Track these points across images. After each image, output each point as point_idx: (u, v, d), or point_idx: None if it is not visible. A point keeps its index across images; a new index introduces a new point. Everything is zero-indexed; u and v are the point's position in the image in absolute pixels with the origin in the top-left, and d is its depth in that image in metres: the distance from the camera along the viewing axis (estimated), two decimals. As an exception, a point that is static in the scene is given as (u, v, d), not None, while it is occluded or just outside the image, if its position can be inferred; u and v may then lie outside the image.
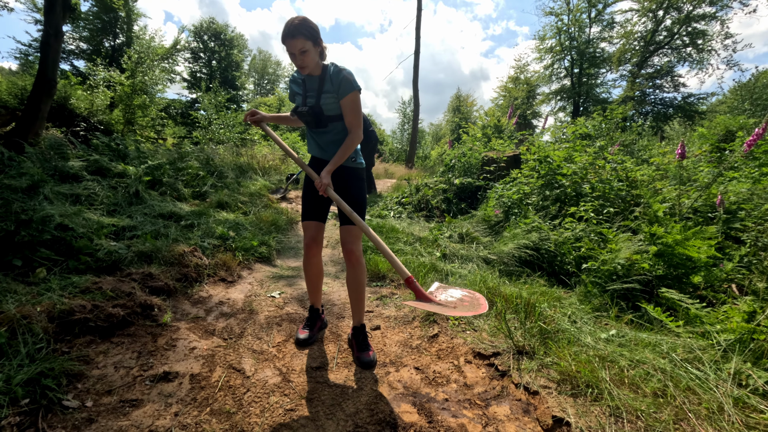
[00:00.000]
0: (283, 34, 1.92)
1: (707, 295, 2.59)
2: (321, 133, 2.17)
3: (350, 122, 2.07)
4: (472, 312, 1.71)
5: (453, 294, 1.93)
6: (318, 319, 2.46)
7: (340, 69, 2.02)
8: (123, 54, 13.43)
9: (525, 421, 1.71)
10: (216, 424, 1.58)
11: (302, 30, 1.90)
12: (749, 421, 1.49)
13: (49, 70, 6.30)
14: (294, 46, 1.92)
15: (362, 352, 2.17)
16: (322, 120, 2.10)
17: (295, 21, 1.91)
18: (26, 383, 1.53)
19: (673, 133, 10.46)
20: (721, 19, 20.64)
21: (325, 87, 2.06)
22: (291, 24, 1.91)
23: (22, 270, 2.55)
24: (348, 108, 2.04)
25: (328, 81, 2.04)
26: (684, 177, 4.24)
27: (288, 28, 1.91)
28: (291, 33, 1.90)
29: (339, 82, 2.00)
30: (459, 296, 1.90)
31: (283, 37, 1.93)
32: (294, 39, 1.90)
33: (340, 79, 1.99)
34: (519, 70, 30.02)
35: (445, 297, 1.91)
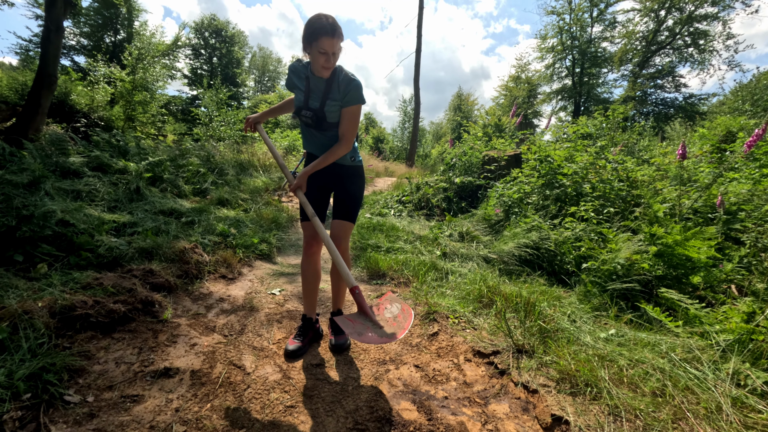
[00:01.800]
0: (321, 31, 1.80)
1: (707, 296, 2.59)
2: (319, 134, 2.14)
3: (345, 131, 2.02)
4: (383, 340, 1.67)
5: (393, 310, 1.88)
6: (311, 329, 2.32)
7: (351, 78, 1.96)
8: (124, 50, 13.41)
9: (524, 420, 1.71)
10: (216, 420, 1.59)
11: (340, 30, 1.83)
12: (747, 420, 1.50)
13: (50, 66, 6.29)
14: (333, 45, 1.83)
15: (336, 335, 2.24)
16: (323, 125, 2.07)
17: (330, 19, 1.82)
18: (28, 378, 1.54)
19: (674, 134, 10.46)
20: (723, 20, 20.64)
21: (332, 93, 1.99)
22: (327, 21, 1.81)
23: (23, 265, 2.56)
24: (347, 118, 2.00)
25: (336, 88, 1.98)
26: (684, 177, 4.24)
27: (327, 24, 1.80)
28: (333, 31, 1.80)
29: (348, 91, 1.95)
30: (395, 314, 1.85)
31: (320, 33, 1.80)
32: (334, 38, 1.81)
33: (350, 88, 1.94)
34: (520, 69, 30.02)
35: (387, 312, 1.88)
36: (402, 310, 1.85)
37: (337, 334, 2.26)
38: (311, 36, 1.82)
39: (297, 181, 2.03)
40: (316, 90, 2.03)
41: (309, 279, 2.27)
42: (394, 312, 1.86)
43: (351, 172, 2.22)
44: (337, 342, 2.22)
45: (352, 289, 1.84)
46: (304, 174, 2.03)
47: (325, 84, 2.00)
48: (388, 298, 1.97)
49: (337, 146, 2.02)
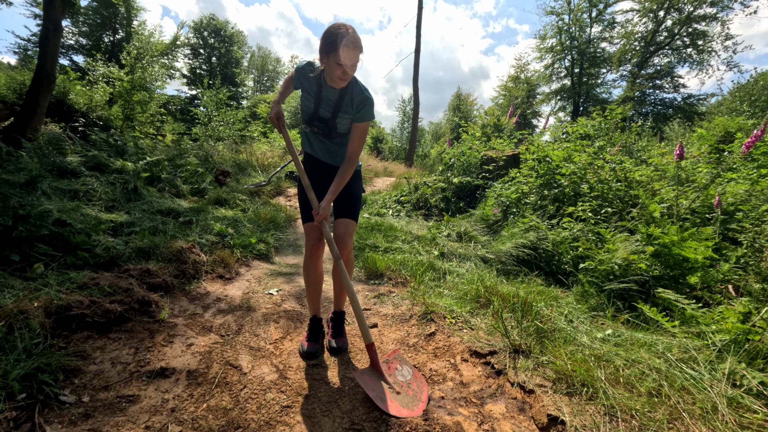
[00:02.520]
0: (342, 43, 1.72)
1: (703, 296, 2.60)
2: (327, 140, 2.12)
3: (354, 149, 2.00)
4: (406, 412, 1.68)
5: (405, 374, 1.90)
6: (321, 329, 2.30)
7: (366, 95, 1.92)
8: (122, 49, 13.39)
9: (520, 420, 1.71)
10: (212, 420, 1.59)
11: (361, 43, 1.77)
12: (743, 421, 1.50)
13: (48, 65, 6.28)
14: (352, 57, 1.76)
15: (334, 338, 2.23)
16: (332, 135, 2.05)
17: (350, 30, 1.75)
18: (23, 378, 1.53)
19: (672, 134, 10.46)
20: (721, 20, 20.68)
21: (344, 106, 1.95)
22: (347, 32, 1.74)
23: (19, 265, 2.55)
24: (357, 133, 1.98)
25: (349, 101, 1.93)
26: (682, 178, 4.25)
27: (349, 35, 1.73)
28: (354, 43, 1.74)
29: (362, 107, 1.92)
30: (408, 379, 1.87)
31: (340, 45, 1.73)
32: (355, 50, 1.75)
33: (365, 105, 1.91)
34: (519, 70, 30.04)
35: (399, 374, 1.90)
36: (414, 376, 1.89)
37: (337, 336, 2.25)
38: (330, 46, 1.76)
39: (322, 213, 1.98)
40: (328, 100, 1.98)
41: (314, 282, 2.21)
42: (406, 376, 1.89)
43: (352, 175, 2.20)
44: (337, 345, 2.21)
45: (369, 346, 1.88)
46: (327, 203, 1.99)
47: (338, 95, 1.95)
48: (396, 357, 2.00)
49: (347, 166, 2.00)
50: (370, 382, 1.80)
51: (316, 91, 1.99)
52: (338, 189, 2.00)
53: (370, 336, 1.89)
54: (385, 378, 1.84)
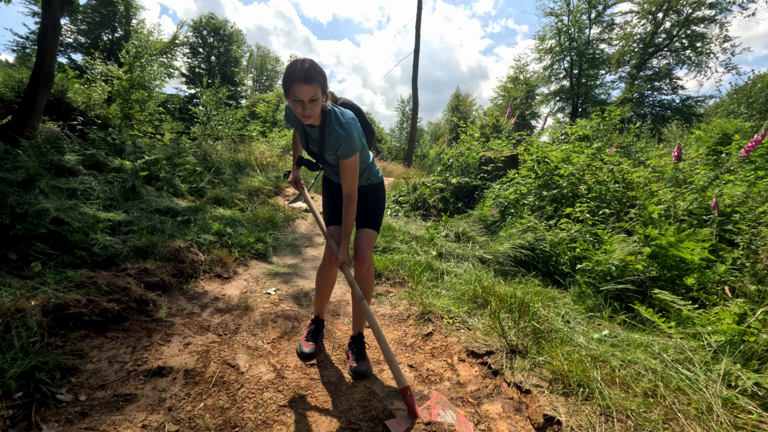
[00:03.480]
0: (292, 77, 1.63)
1: (699, 297, 2.61)
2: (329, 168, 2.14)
3: (348, 186, 1.91)
4: None
5: (448, 418, 1.67)
6: (322, 330, 2.33)
7: (339, 134, 1.80)
8: (121, 48, 13.36)
9: (517, 420, 1.72)
10: (209, 419, 1.59)
11: (316, 75, 1.64)
12: (737, 421, 1.51)
13: (46, 63, 6.26)
14: (305, 92, 1.64)
15: (358, 362, 2.05)
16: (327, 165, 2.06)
17: (306, 64, 1.64)
18: (20, 377, 1.53)
19: (670, 136, 10.50)
20: (720, 22, 20.73)
21: (327, 143, 1.88)
22: (301, 66, 1.63)
23: (16, 264, 2.54)
24: (346, 171, 1.88)
25: (329, 139, 1.86)
26: (680, 179, 4.27)
27: (299, 70, 1.62)
28: (305, 77, 1.62)
29: (338, 146, 1.82)
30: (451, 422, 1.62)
31: (290, 81, 1.64)
32: (307, 85, 1.63)
33: (340, 143, 1.81)
34: (518, 70, 30.07)
35: (441, 418, 1.67)
36: (459, 422, 1.65)
37: (360, 360, 2.07)
38: (285, 84, 1.68)
39: (341, 258, 1.93)
40: (313, 137, 1.95)
41: (328, 285, 2.22)
42: (449, 421, 1.64)
43: (370, 189, 2.17)
44: (362, 369, 2.03)
45: (404, 390, 1.67)
46: (344, 249, 1.95)
47: (318, 132, 1.89)
48: (439, 402, 1.78)
49: (348, 204, 1.92)
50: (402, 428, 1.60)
51: (302, 128, 1.96)
52: (348, 229, 1.94)
53: (404, 379, 1.68)
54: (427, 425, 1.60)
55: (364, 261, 2.03)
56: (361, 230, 2.11)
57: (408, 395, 1.66)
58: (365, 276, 2.05)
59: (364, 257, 2.03)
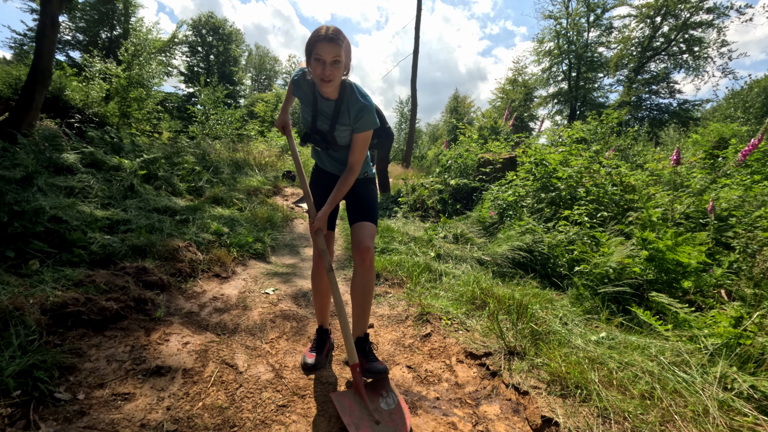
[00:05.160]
0: (317, 37, 1.64)
1: (696, 300, 2.63)
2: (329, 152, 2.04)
3: (355, 160, 1.88)
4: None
5: (390, 402, 1.73)
6: (327, 341, 2.20)
7: (363, 103, 1.79)
8: (120, 46, 13.33)
9: (514, 421, 1.73)
10: (208, 419, 1.59)
11: (341, 38, 1.65)
12: (733, 424, 1.52)
13: (44, 61, 6.23)
14: (329, 51, 1.63)
15: (372, 363, 1.87)
16: (333, 147, 1.96)
17: (332, 28, 1.66)
18: (18, 375, 1.53)
19: (668, 139, 10.56)
20: (717, 27, 20.87)
21: (341, 118, 1.84)
22: (327, 29, 1.64)
23: (14, 262, 2.53)
24: (358, 144, 1.86)
25: (346, 112, 1.82)
26: (677, 183, 4.29)
27: (325, 32, 1.64)
28: (329, 37, 1.63)
29: (360, 117, 1.79)
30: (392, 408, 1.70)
31: (315, 40, 1.65)
32: (332, 44, 1.63)
33: (363, 114, 1.78)
34: (517, 73, 30.17)
35: (383, 401, 1.73)
36: (398, 407, 1.70)
37: (373, 361, 1.90)
38: (309, 44, 1.68)
39: (316, 223, 1.89)
40: (324, 112, 1.89)
41: (322, 293, 2.13)
42: (390, 405, 1.72)
43: (363, 184, 2.11)
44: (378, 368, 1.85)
45: (353, 367, 1.73)
46: (323, 215, 1.89)
47: (333, 107, 1.84)
48: (382, 383, 1.82)
49: (348, 175, 1.89)
50: (349, 406, 1.67)
51: (312, 103, 1.91)
52: (338, 198, 1.90)
53: (356, 356, 1.76)
54: (366, 404, 1.69)
55: (367, 253, 1.90)
56: (360, 223, 1.99)
57: (356, 372, 1.74)
58: (367, 270, 1.92)
59: (367, 248, 1.90)
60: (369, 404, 1.69)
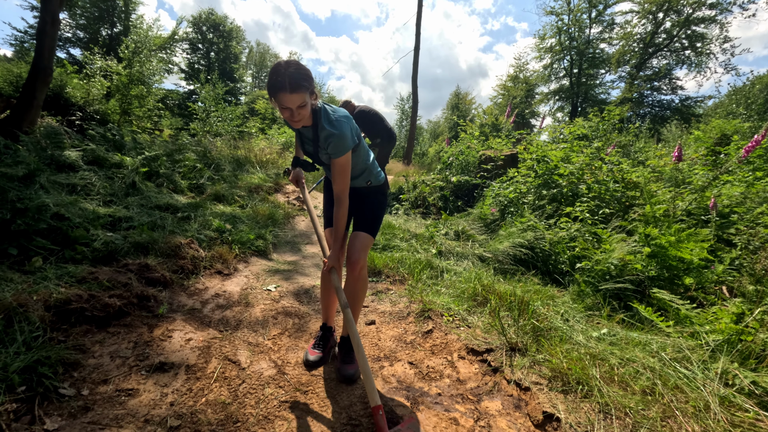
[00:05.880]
0: (277, 86, 1.56)
1: (698, 297, 2.63)
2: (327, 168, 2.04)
3: (339, 188, 1.83)
4: None
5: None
6: (330, 338, 2.21)
7: (330, 132, 1.72)
8: (120, 43, 13.30)
9: (516, 416, 1.74)
10: (211, 415, 1.60)
11: (302, 81, 1.58)
12: (734, 419, 1.52)
13: (45, 58, 6.22)
14: (292, 101, 1.58)
15: (345, 364, 1.99)
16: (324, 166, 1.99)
17: (290, 69, 1.56)
18: (23, 371, 1.54)
19: (669, 136, 10.53)
20: (720, 23, 20.74)
21: (321, 142, 1.81)
22: (285, 73, 1.55)
23: (17, 259, 2.54)
24: (336, 171, 1.80)
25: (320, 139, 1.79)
26: (679, 179, 4.28)
27: (284, 77, 1.55)
28: (290, 85, 1.55)
29: (328, 144, 1.76)
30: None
31: (275, 89, 1.57)
32: (294, 93, 1.57)
33: (330, 140, 1.74)
34: (518, 69, 30.05)
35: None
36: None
37: (348, 363, 2.00)
38: (270, 90, 1.61)
39: (330, 262, 1.88)
40: (307, 137, 1.91)
41: (329, 291, 2.13)
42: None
43: (369, 192, 2.11)
44: (350, 372, 1.95)
45: (375, 409, 1.55)
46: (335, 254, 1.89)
47: (312, 132, 1.84)
48: (410, 427, 1.63)
49: (338, 208, 1.86)
50: None
51: (297, 130, 1.92)
52: (340, 234, 1.89)
53: (377, 397, 1.56)
54: None
55: (355, 265, 1.95)
56: (355, 233, 2.03)
57: (379, 415, 1.55)
58: (357, 279, 1.98)
59: (356, 261, 1.94)
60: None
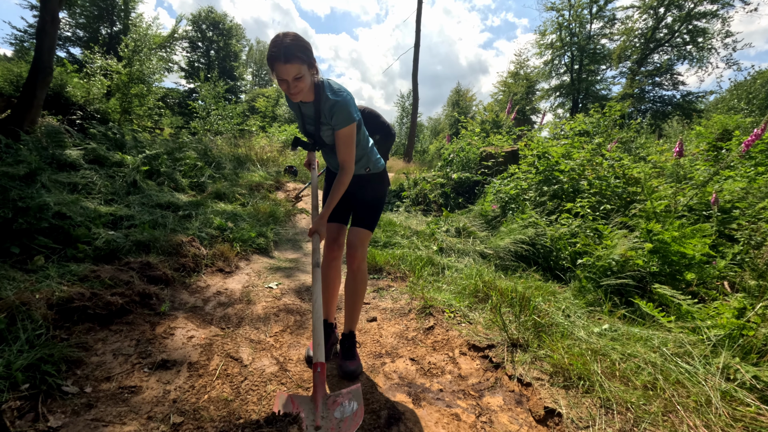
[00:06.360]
0: (272, 56, 1.58)
1: (699, 292, 2.63)
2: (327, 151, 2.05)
3: (343, 158, 1.81)
4: None
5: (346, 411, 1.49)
6: (330, 335, 2.18)
7: (334, 101, 1.72)
8: (120, 42, 13.29)
9: (517, 412, 1.74)
10: (214, 411, 1.61)
11: (297, 52, 1.58)
12: (736, 413, 1.53)
13: (45, 57, 6.22)
14: (287, 72, 1.59)
15: (346, 360, 2.00)
16: (326, 147, 1.98)
17: (287, 40, 1.58)
18: (26, 369, 1.55)
19: (671, 131, 10.50)
20: (722, 17, 20.63)
21: (323, 118, 1.81)
22: (282, 43, 1.56)
23: (20, 257, 2.55)
24: (341, 141, 1.78)
25: (324, 113, 1.78)
26: (680, 175, 4.27)
27: (279, 48, 1.56)
28: (284, 56, 1.56)
29: (332, 114, 1.74)
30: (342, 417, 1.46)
31: (272, 59, 1.59)
32: (288, 64, 1.57)
33: (335, 111, 1.73)
34: (519, 65, 29.96)
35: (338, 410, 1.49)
36: (351, 416, 1.46)
37: (349, 359, 2.01)
38: (268, 62, 1.62)
39: (314, 226, 1.86)
40: (308, 115, 1.89)
41: (329, 282, 2.12)
42: (345, 413, 1.48)
43: (367, 180, 2.08)
44: (351, 368, 1.96)
45: (315, 365, 1.54)
46: (321, 219, 1.86)
47: (313, 108, 1.82)
48: (351, 391, 1.57)
49: (341, 175, 1.84)
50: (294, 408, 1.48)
51: (297, 107, 1.90)
52: (333, 201, 1.85)
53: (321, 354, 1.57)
54: (316, 409, 1.47)
55: (355, 261, 1.98)
56: (353, 229, 2.02)
57: (317, 371, 1.53)
58: (356, 275, 2.01)
59: (354, 256, 1.98)
60: (319, 410, 1.47)
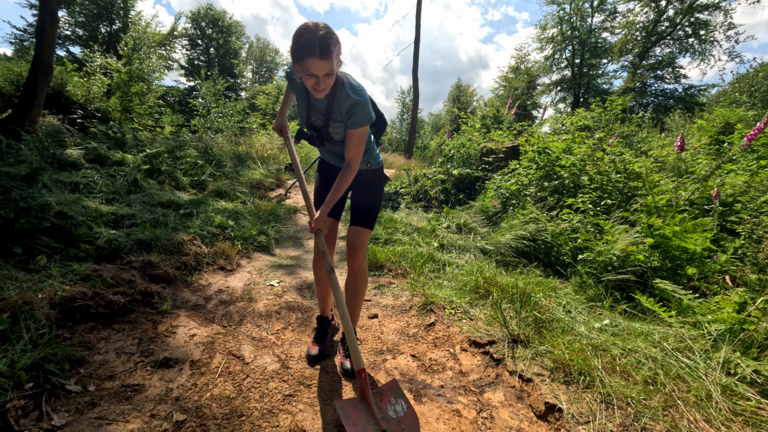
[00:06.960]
0: (304, 50, 1.46)
1: (700, 287, 2.62)
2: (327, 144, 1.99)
3: (352, 156, 1.78)
4: None
5: (398, 410, 1.60)
6: (328, 329, 2.21)
7: (356, 100, 1.67)
8: (119, 40, 13.28)
9: (518, 408, 1.75)
10: (216, 409, 1.62)
11: (332, 47, 1.48)
12: (736, 408, 1.53)
13: (45, 56, 6.23)
14: (320, 67, 1.48)
15: (347, 358, 2.00)
16: (330, 142, 1.91)
17: (320, 32, 1.45)
18: (29, 368, 1.56)
19: (673, 125, 10.45)
20: (724, 9, 20.47)
21: (334, 114, 1.75)
22: (315, 36, 1.45)
23: (22, 257, 2.56)
24: (353, 141, 1.74)
25: (338, 108, 1.72)
26: (682, 169, 4.26)
27: (313, 41, 1.44)
28: (321, 50, 1.45)
29: (352, 113, 1.69)
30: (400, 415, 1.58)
31: (302, 53, 1.47)
32: (323, 60, 1.47)
33: (355, 110, 1.68)
34: (519, 60, 29.83)
35: (390, 408, 1.61)
36: (407, 415, 1.59)
37: (349, 357, 2.00)
38: (297, 54, 1.50)
39: (315, 224, 1.83)
40: (318, 108, 1.81)
41: (323, 281, 2.12)
42: (398, 412, 1.59)
43: (368, 176, 2.06)
44: (349, 366, 1.97)
45: (359, 372, 1.62)
46: (322, 216, 1.83)
47: (326, 103, 1.75)
48: (392, 388, 1.68)
49: (346, 172, 1.79)
50: (354, 415, 1.54)
51: (305, 97, 1.82)
52: (335, 196, 1.82)
53: (361, 361, 1.64)
54: (373, 412, 1.57)
55: (354, 260, 1.97)
56: (353, 228, 2.00)
57: (362, 378, 1.61)
58: (357, 274, 1.99)
59: (354, 256, 1.97)
60: (376, 412, 1.57)
